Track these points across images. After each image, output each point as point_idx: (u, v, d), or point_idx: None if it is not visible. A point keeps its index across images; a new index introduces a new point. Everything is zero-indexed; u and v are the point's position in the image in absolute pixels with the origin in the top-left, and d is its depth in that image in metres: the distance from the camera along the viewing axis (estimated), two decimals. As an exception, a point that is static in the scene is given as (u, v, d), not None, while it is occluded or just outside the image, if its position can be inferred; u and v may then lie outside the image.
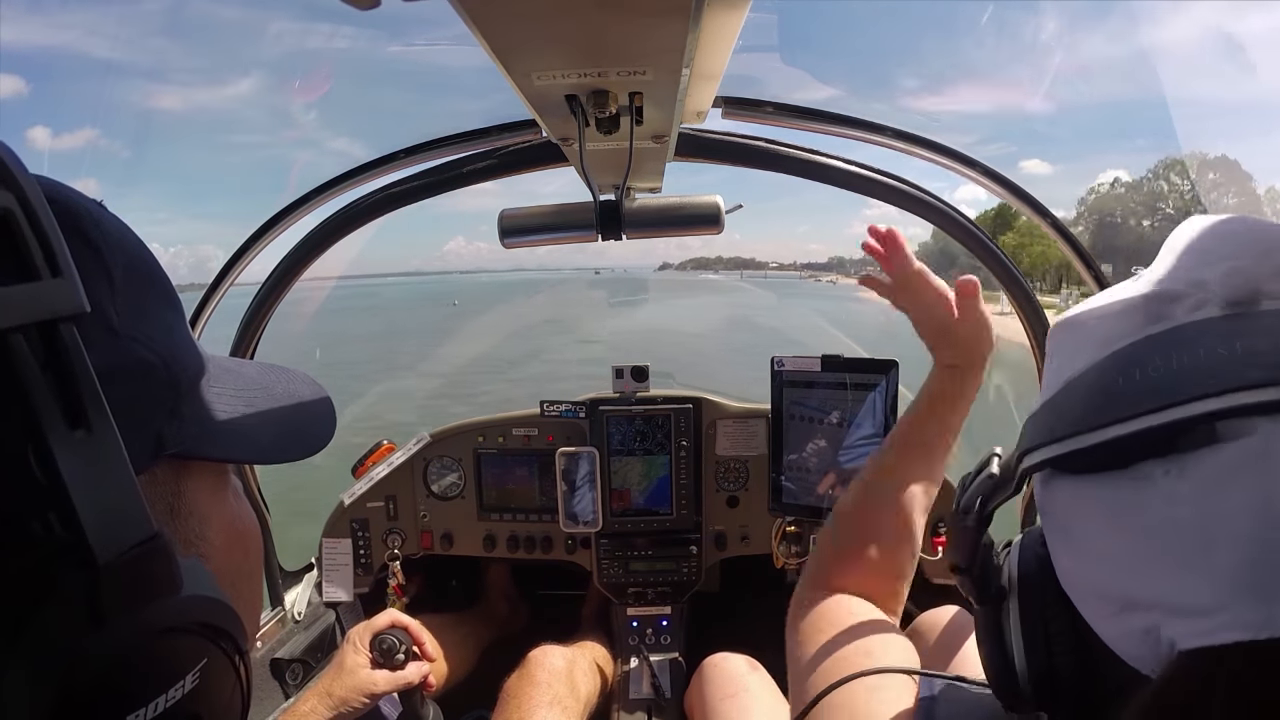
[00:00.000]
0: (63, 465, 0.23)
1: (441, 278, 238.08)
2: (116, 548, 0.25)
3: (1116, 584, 0.31)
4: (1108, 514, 0.31)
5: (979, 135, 5.02)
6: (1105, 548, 0.31)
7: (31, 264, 0.23)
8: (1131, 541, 0.30)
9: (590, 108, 0.64)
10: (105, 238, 0.31)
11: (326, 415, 0.45)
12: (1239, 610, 0.26)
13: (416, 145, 1.23)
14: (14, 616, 0.23)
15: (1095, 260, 1.25)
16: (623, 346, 17.27)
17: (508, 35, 0.52)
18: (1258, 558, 0.26)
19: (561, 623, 1.68)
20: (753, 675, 1.16)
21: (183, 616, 0.27)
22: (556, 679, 1.21)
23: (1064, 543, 0.35)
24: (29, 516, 0.24)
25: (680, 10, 0.47)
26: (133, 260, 0.32)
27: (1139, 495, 0.29)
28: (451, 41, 1.10)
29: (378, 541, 1.55)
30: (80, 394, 0.24)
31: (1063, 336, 0.37)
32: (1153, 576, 0.29)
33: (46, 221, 0.24)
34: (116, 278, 0.31)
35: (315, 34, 9.07)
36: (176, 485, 0.34)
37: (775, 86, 1.11)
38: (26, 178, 0.24)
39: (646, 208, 1.00)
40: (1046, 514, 0.36)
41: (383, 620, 1.12)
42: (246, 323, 1.40)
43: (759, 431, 1.51)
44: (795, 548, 1.43)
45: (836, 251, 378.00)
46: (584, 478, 1.45)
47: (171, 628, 0.27)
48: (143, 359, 0.31)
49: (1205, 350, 0.28)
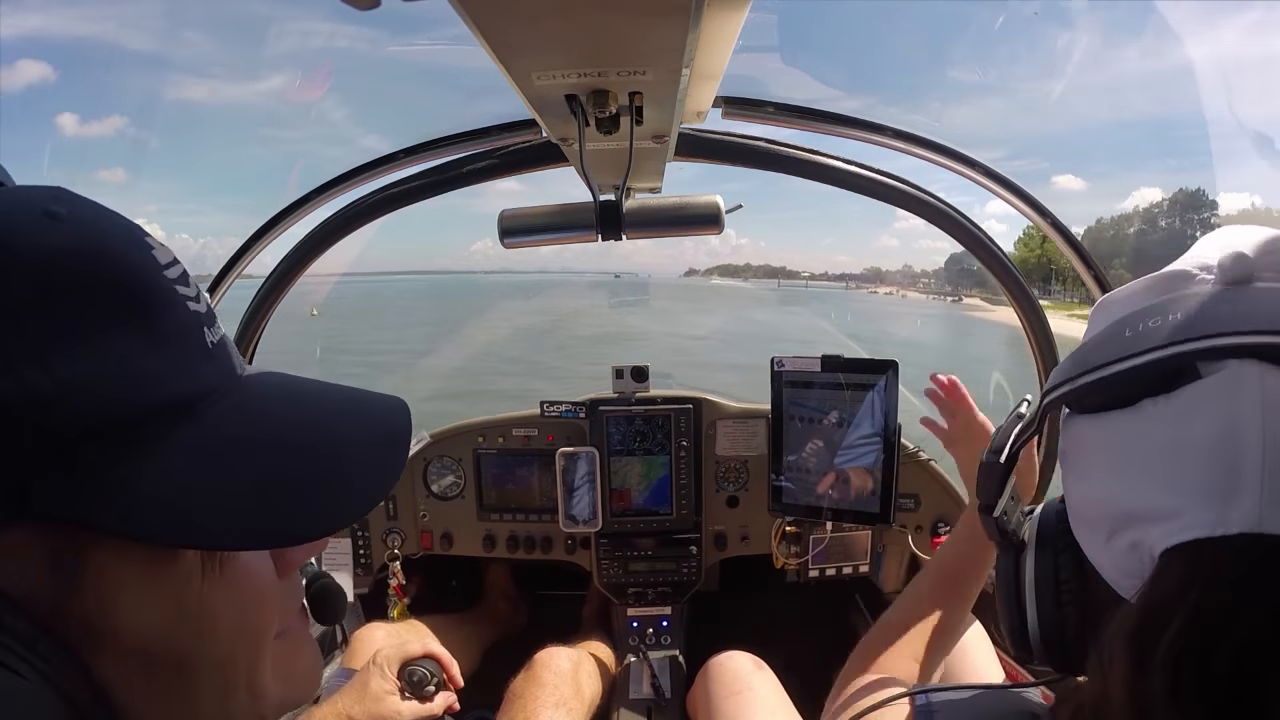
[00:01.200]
0: None
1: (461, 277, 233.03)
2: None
3: (1112, 504, 0.36)
4: (1110, 443, 0.37)
5: (1008, 150, 5.02)
6: (1106, 473, 0.37)
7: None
8: (1124, 464, 0.36)
9: (590, 108, 0.64)
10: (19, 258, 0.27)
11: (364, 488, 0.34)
12: (1198, 512, 0.32)
13: (416, 145, 1.23)
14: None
15: (1096, 261, 1.25)
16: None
17: (508, 35, 0.52)
18: (1214, 468, 0.32)
19: (562, 623, 1.68)
20: (757, 674, 1.16)
21: None
22: (562, 681, 1.21)
23: (1076, 476, 0.40)
24: None
25: (680, 10, 0.47)
26: (67, 280, 0.28)
27: (1134, 425, 0.35)
28: (451, 41, 1.10)
29: (377, 541, 1.55)
30: None
31: (1096, 314, 0.43)
32: (1138, 492, 0.35)
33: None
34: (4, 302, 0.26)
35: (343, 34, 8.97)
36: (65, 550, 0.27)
37: (775, 86, 1.11)
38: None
39: (646, 208, 1.00)
40: (1066, 454, 0.41)
41: (416, 649, 1.08)
42: (246, 322, 1.40)
43: (759, 431, 1.51)
44: (795, 548, 1.43)
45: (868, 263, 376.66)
46: (584, 478, 1.45)
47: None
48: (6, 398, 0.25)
49: (1198, 309, 0.34)
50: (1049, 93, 1.37)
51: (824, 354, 1.30)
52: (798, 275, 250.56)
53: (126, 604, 0.28)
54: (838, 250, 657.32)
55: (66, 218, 0.28)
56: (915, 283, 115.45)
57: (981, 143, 1.20)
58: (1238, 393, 0.32)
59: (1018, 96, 1.41)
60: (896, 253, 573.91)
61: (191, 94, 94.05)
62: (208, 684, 0.32)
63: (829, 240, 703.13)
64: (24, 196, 0.29)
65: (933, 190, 1.26)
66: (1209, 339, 0.32)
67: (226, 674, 0.32)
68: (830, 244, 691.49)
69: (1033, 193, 1.22)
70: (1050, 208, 1.23)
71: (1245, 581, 0.31)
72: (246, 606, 0.33)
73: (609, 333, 20.16)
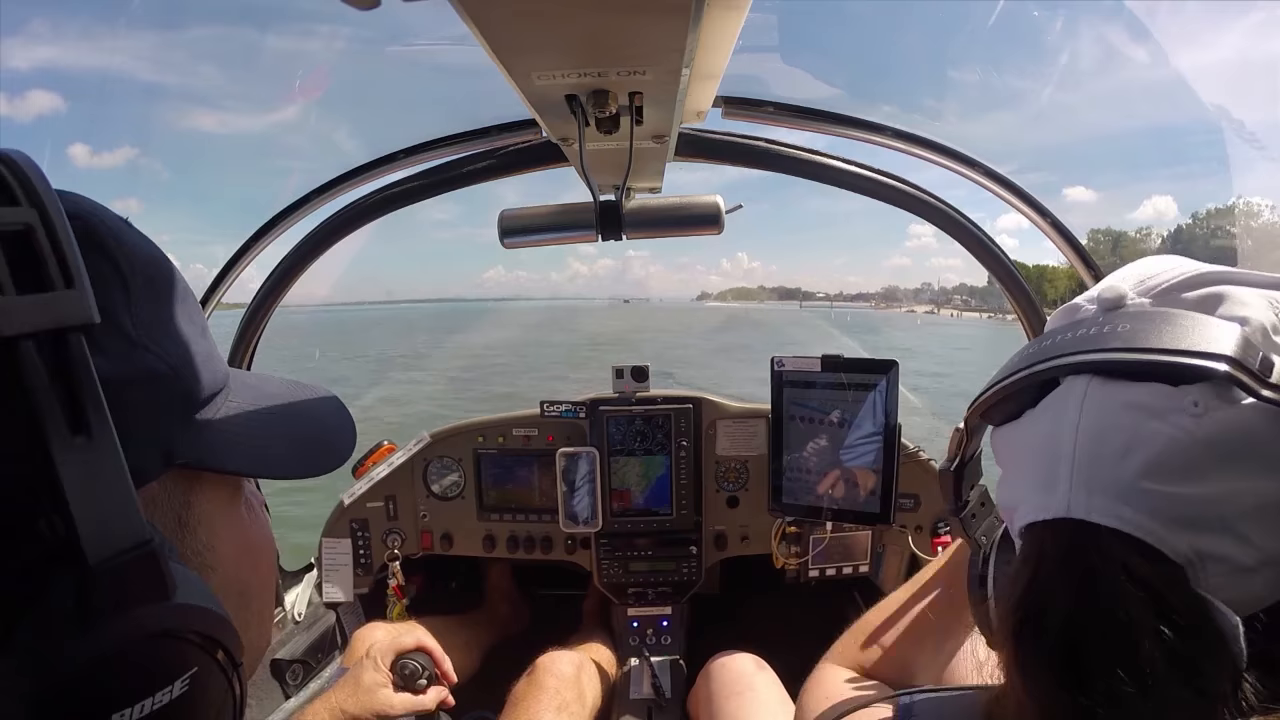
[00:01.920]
0: (61, 469, 0.24)
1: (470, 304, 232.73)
2: (107, 551, 0.25)
3: (1000, 501, 0.44)
4: (1002, 450, 0.44)
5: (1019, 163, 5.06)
6: (1003, 475, 0.44)
7: (46, 275, 0.25)
8: (1009, 466, 0.43)
9: (590, 108, 0.64)
10: (124, 251, 0.32)
11: (345, 435, 0.46)
12: (1033, 500, 0.39)
13: (416, 145, 1.23)
14: (7, 613, 0.24)
15: (1096, 262, 1.25)
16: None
17: (508, 35, 0.52)
18: (1043, 463, 0.38)
19: (563, 623, 1.68)
20: (759, 675, 1.16)
21: (173, 622, 0.27)
22: (565, 685, 1.21)
23: (1000, 479, 0.46)
24: (29, 517, 0.24)
25: (680, 10, 0.47)
26: (154, 274, 0.34)
27: (1015, 433, 0.42)
28: (451, 41, 1.10)
29: (377, 542, 1.55)
30: (84, 401, 0.25)
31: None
32: (1011, 488, 0.42)
33: (64, 235, 0.25)
34: (134, 289, 0.32)
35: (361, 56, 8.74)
36: (186, 496, 0.35)
37: (775, 86, 1.11)
38: (49, 193, 0.26)
39: (646, 208, 1.00)
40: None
41: (408, 641, 1.10)
42: (246, 322, 1.40)
43: (759, 431, 1.51)
44: (795, 548, 1.43)
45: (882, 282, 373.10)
46: (584, 478, 1.45)
47: (161, 633, 0.27)
48: (155, 369, 0.32)
49: (1072, 333, 0.39)
50: (1053, 100, 1.36)
51: (824, 354, 1.30)
52: (814, 296, 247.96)
53: (220, 539, 0.36)
54: (849, 271, 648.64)
55: (133, 225, 0.35)
56: (948, 300, 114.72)
57: (990, 157, 1.20)
58: (1067, 400, 0.38)
59: (1022, 104, 1.42)
60: (910, 271, 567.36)
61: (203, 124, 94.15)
62: (256, 611, 0.40)
63: (840, 261, 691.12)
64: (98, 205, 0.34)
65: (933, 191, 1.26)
66: (1061, 358, 0.38)
67: (265, 601, 0.42)
68: (841, 264, 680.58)
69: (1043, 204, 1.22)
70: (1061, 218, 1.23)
71: (1060, 557, 0.37)
72: (268, 543, 0.42)
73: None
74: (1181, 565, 0.34)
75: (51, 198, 0.26)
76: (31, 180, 0.25)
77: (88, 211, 0.32)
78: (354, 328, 31.29)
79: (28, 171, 0.25)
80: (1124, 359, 0.36)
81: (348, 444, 0.45)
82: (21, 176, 0.25)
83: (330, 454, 0.43)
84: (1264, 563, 0.34)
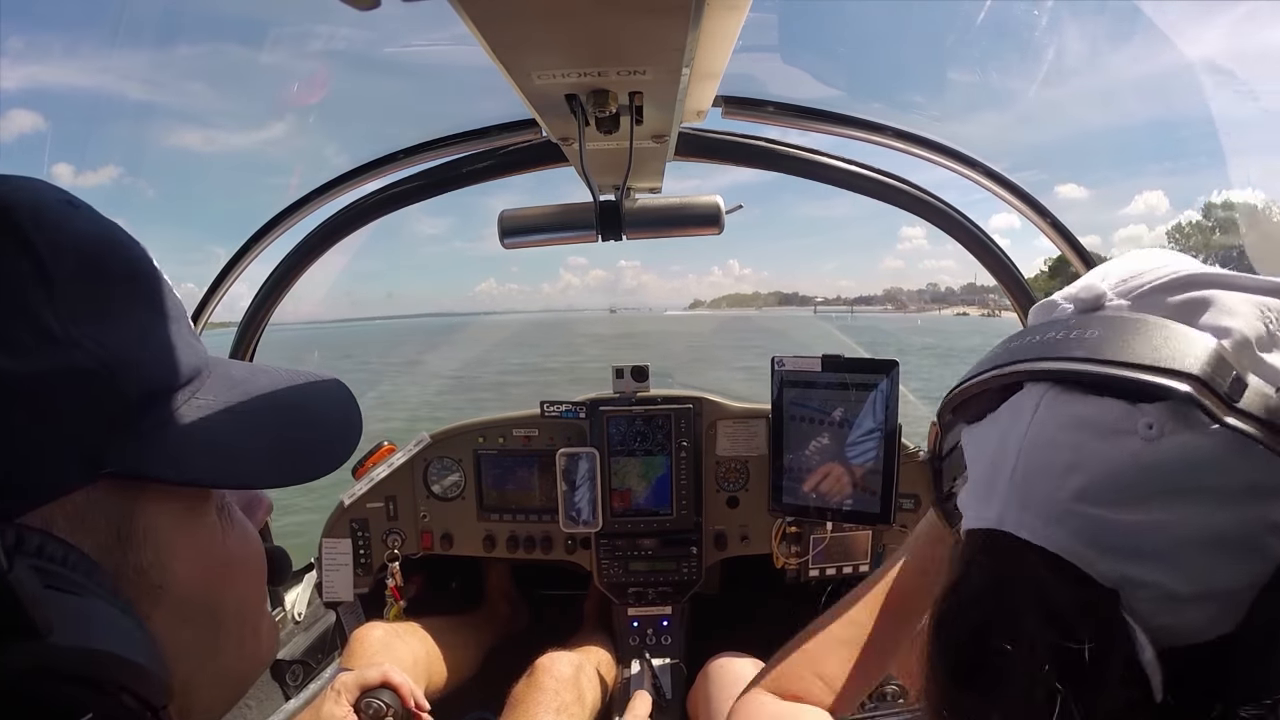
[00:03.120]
0: None
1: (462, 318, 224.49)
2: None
3: (960, 499, 0.42)
4: (969, 448, 0.42)
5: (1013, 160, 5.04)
6: (968, 473, 0.43)
7: None
8: (970, 465, 0.42)
9: (590, 107, 0.64)
10: (48, 237, 0.28)
11: (342, 440, 0.40)
12: (973, 508, 0.39)
13: (416, 145, 1.23)
14: None
15: (1093, 258, 1.25)
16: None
17: (508, 35, 0.52)
18: (987, 471, 0.38)
19: (563, 623, 1.68)
20: None
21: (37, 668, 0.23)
22: (564, 687, 1.21)
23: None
24: None
25: (680, 10, 0.47)
26: (94, 258, 0.30)
27: (977, 433, 0.41)
28: (451, 41, 1.10)
29: (377, 542, 1.55)
30: None
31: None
32: (965, 488, 0.41)
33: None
34: (56, 279, 0.28)
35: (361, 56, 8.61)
36: (127, 508, 0.30)
37: (775, 86, 1.11)
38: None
39: (646, 208, 1.00)
40: None
41: (374, 676, 1.05)
42: (246, 323, 1.40)
43: (759, 431, 1.51)
44: (795, 548, 1.43)
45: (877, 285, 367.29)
46: (584, 478, 1.45)
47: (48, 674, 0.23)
48: (81, 365, 0.28)
49: (1041, 335, 0.38)
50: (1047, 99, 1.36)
51: (824, 354, 1.30)
52: (812, 300, 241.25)
53: (173, 556, 0.32)
54: (840, 275, 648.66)
55: (81, 206, 0.31)
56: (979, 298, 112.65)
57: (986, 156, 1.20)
58: (1022, 409, 0.36)
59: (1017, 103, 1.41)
60: (904, 273, 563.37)
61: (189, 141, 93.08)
62: (231, 632, 0.35)
63: (831, 266, 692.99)
64: (38, 186, 0.31)
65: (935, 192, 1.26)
66: (1018, 363, 0.37)
67: (244, 621, 0.37)
68: (833, 269, 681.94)
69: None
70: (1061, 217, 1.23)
71: (984, 566, 0.37)
72: (250, 556, 0.37)
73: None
74: (1111, 589, 0.32)
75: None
76: None
77: (8, 191, 0.29)
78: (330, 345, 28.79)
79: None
80: (1083, 370, 0.34)
81: (344, 449, 0.40)
82: None
83: (321, 459, 0.38)
84: (1201, 595, 0.32)
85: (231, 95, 2.29)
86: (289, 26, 1.66)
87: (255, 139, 21.28)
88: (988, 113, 1.29)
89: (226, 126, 77.67)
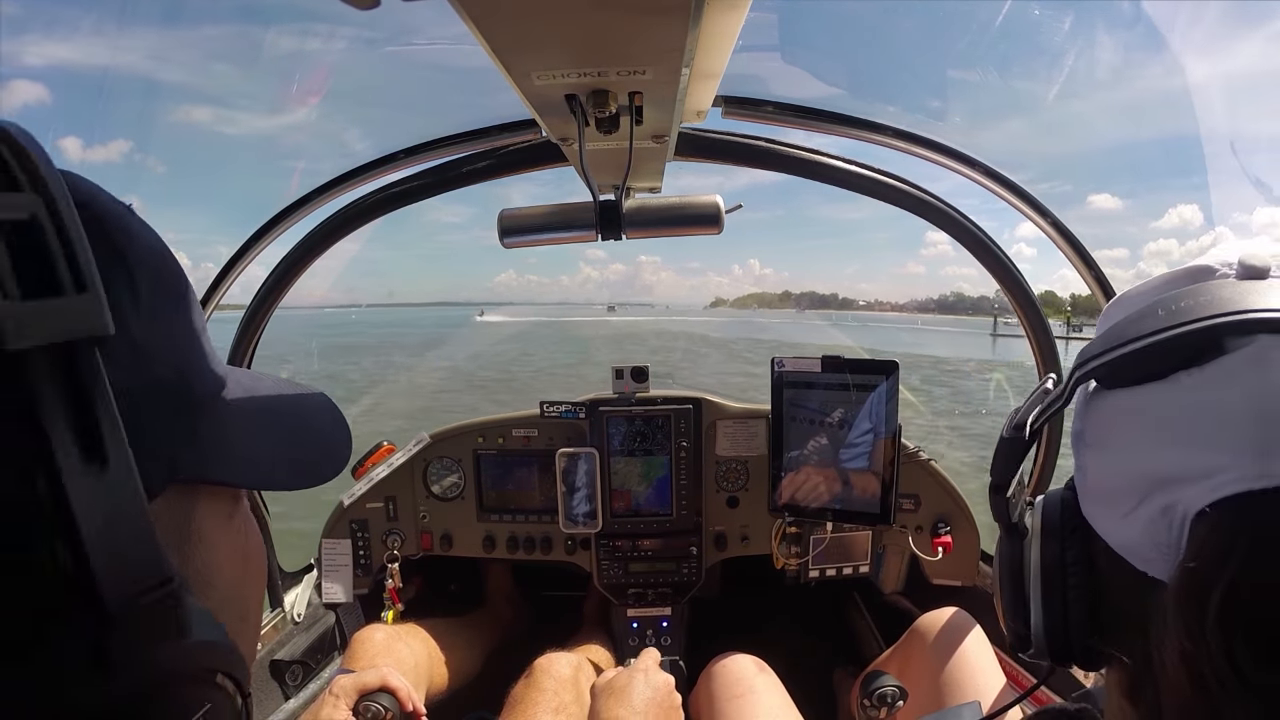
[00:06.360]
0: (75, 502, 0.21)
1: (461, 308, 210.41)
2: (127, 592, 0.23)
3: (1141, 471, 0.37)
4: (1143, 413, 0.38)
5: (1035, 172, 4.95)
6: (1135, 442, 0.38)
7: (55, 277, 0.22)
8: (1158, 431, 0.37)
9: (590, 107, 0.64)
10: (132, 246, 0.29)
11: (342, 443, 0.43)
12: (1240, 467, 0.32)
13: (416, 145, 1.23)
14: (15, 659, 0.22)
15: (1096, 263, 1.25)
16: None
17: (508, 35, 0.52)
18: (1253, 428, 0.33)
19: (563, 624, 1.68)
20: (760, 676, 1.16)
21: (189, 663, 0.26)
22: (563, 687, 1.21)
23: (1098, 451, 0.41)
24: (38, 553, 0.22)
25: (680, 10, 0.47)
26: (159, 269, 0.31)
27: (1169, 394, 0.36)
28: (451, 41, 1.09)
29: (377, 542, 1.55)
30: (98, 423, 0.23)
31: (1112, 310, 0.44)
32: (1172, 456, 0.36)
33: (73, 228, 0.22)
34: (141, 290, 0.29)
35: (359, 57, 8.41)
36: (188, 511, 0.32)
37: (775, 86, 1.11)
38: (55, 179, 0.23)
39: (646, 207, 1.00)
40: (1085, 433, 0.42)
41: (372, 680, 1.05)
42: (246, 322, 1.40)
43: (759, 432, 1.51)
44: (795, 548, 1.43)
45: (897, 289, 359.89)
46: (584, 478, 1.45)
47: (176, 675, 0.25)
48: (162, 378, 0.29)
49: (1225, 293, 0.36)
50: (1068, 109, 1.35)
51: (824, 355, 1.30)
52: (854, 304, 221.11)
53: (219, 554, 0.34)
54: (861, 279, 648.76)
55: (134, 211, 0.31)
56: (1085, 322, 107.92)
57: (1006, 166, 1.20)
58: (1270, 362, 0.33)
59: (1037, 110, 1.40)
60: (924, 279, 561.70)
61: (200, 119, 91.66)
62: (253, 624, 0.38)
63: (852, 269, 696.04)
64: (104, 191, 0.30)
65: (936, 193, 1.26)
66: (1237, 314, 0.35)
67: (259, 614, 0.40)
68: (853, 272, 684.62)
69: (1070, 215, 1.22)
70: (1088, 229, 1.23)
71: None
72: (262, 552, 0.39)
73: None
74: None
75: (57, 181, 0.22)
76: (34, 160, 0.22)
77: (92, 197, 0.28)
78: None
79: (28, 149, 0.22)
80: None
81: (345, 452, 0.42)
82: (21, 155, 0.22)
83: (329, 463, 0.40)
84: None
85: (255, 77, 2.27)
86: (291, 24, 1.66)
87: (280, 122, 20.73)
88: (1008, 120, 1.29)
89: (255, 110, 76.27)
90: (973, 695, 1.04)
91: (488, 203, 10.19)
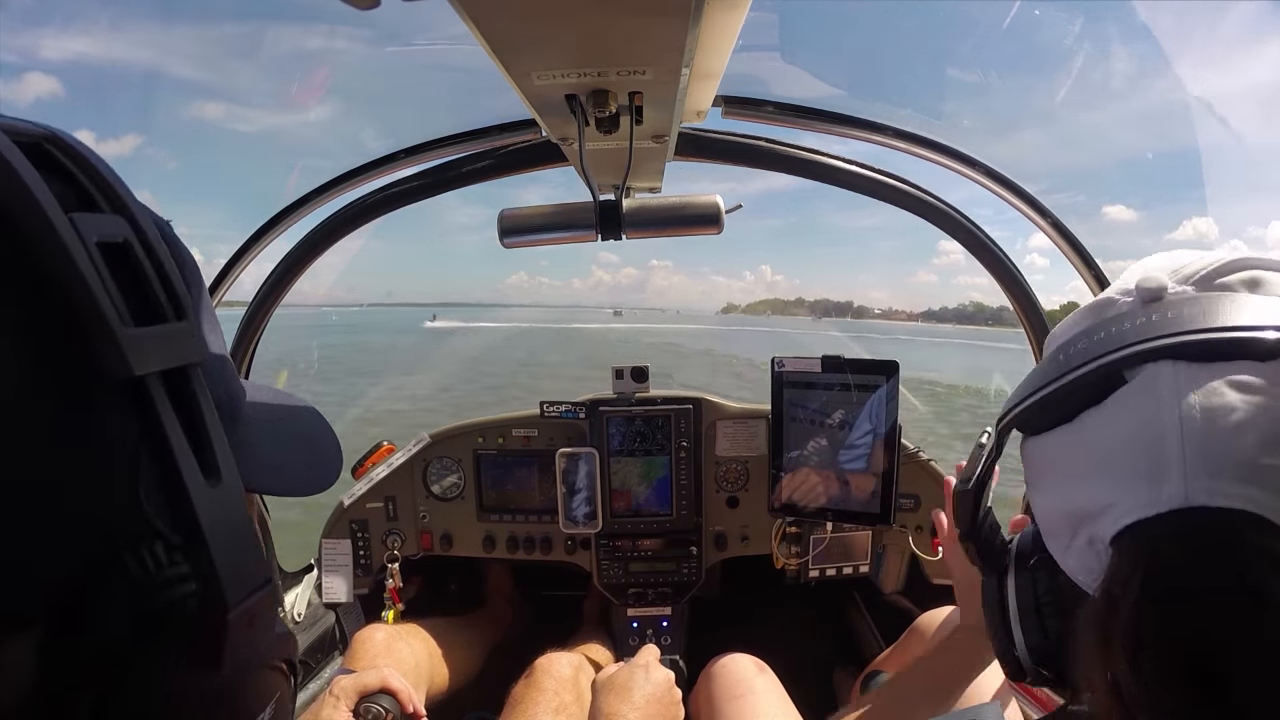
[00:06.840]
0: (202, 517, 0.23)
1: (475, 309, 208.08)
2: (242, 594, 0.25)
3: (1066, 508, 0.40)
4: (1059, 456, 0.41)
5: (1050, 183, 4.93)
6: (1059, 482, 0.41)
7: (156, 303, 0.22)
8: (1073, 471, 0.39)
9: (590, 107, 0.64)
10: (185, 266, 0.29)
11: (336, 449, 0.44)
12: (1135, 496, 0.35)
13: (416, 145, 1.23)
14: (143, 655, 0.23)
15: (1095, 260, 1.24)
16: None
17: (508, 35, 0.52)
18: (1142, 456, 0.35)
19: (564, 624, 1.68)
20: (760, 677, 1.16)
21: (276, 653, 0.28)
22: (563, 687, 1.21)
23: (1036, 491, 0.44)
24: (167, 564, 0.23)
25: (680, 10, 0.47)
26: (203, 287, 0.32)
27: (1076, 435, 0.39)
28: (451, 41, 1.09)
29: (377, 542, 1.55)
30: (210, 442, 0.24)
31: (1046, 347, 0.46)
32: (1085, 491, 0.38)
33: (162, 252, 0.23)
34: (202, 311, 0.30)
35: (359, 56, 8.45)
36: None
37: (775, 86, 1.11)
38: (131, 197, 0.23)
39: (646, 207, 1.00)
40: (1027, 475, 0.45)
41: (373, 681, 1.05)
42: (247, 322, 1.40)
43: (759, 432, 1.51)
44: (795, 548, 1.43)
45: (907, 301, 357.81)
46: (584, 478, 1.45)
47: (267, 664, 0.28)
48: (218, 392, 0.30)
49: (1118, 326, 0.38)
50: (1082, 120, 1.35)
51: (824, 355, 1.30)
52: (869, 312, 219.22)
53: None
54: (874, 287, 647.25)
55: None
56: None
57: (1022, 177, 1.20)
58: (1155, 388, 0.36)
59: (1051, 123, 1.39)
60: (936, 288, 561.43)
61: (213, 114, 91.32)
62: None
63: (864, 277, 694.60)
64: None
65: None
66: (1126, 348, 0.37)
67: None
68: (866, 280, 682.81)
69: (1084, 228, 1.23)
70: (1100, 242, 1.23)
71: (1181, 552, 0.34)
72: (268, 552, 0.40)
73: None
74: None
75: (134, 199, 0.23)
76: (102, 174, 0.22)
77: (160, 223, 0.29)
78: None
79: (93, 162, 0.22)
80: (1206, 339, 0.35)
81: (340, 460, 0.44)
82: (88, 168, 0.22)
83: (331, 470, 0.42)
84: None
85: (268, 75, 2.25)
86: (291, 24, 1.66)
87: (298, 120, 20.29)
88: (1023, 131, 1.29)
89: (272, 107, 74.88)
90: (973, 694, 1.04)
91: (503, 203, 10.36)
